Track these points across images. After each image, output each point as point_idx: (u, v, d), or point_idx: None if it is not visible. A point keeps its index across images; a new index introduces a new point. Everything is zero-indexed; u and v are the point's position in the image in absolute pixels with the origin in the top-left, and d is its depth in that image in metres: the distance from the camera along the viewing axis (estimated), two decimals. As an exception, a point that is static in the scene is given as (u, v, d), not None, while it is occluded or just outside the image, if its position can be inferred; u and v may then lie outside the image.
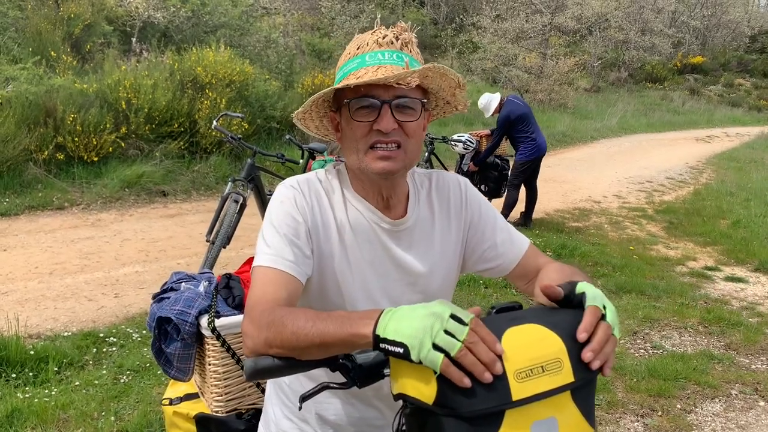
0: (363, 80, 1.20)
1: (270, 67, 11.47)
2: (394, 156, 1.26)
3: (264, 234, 1.28)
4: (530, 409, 0.94)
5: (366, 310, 1.02)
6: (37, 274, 5.07)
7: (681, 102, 25.36)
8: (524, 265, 1.44)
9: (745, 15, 33.21)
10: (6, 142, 7.07)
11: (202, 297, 1.85)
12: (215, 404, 1.85)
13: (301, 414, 1.42)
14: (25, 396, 3.29)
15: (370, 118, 1.24)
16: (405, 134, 1.26)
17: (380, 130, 1.23)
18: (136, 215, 7.06)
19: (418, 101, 1.26)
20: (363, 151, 1.26)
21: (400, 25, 1.29)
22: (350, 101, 1.25)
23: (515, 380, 0.93)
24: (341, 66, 1.30)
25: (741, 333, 4.78)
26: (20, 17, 9.26)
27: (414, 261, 1.37)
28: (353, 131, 1.26)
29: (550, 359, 0.96)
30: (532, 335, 0.99)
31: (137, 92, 8.26)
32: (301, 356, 1.07)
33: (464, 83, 1.33)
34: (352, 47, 1.29)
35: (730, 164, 14.03)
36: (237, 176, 5.04)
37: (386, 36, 1.26)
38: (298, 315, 1.08)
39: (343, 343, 1.02)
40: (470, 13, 23.22)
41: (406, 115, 1.25)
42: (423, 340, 0.90)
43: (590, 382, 1.02)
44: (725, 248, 7.27)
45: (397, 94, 1.23)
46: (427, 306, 0.95)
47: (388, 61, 1.23)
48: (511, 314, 1.05)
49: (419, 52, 1.32)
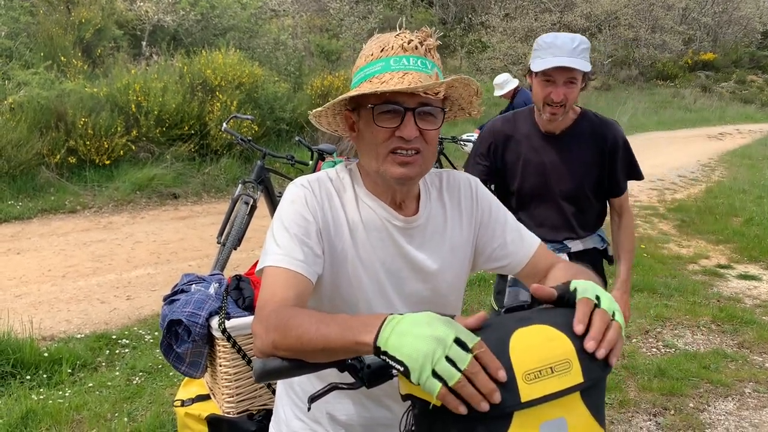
0: (392, 87, 1.19)
1: (279, 69, 11.50)
2: (413, 162, 1.27)
3: (274, 233, 1.28)
4: (539, 410, 0.94)
5: (369, 316, 1.01)
6: (50, 277, 5.12)
7: (692, 99, 25.16)
8: (534, 264, 1.44)
9: (757, 11, 32.87)
10: (19, 147, 7.14)
11: (213, 299, 1.86)
12: (226, 405, 1.86)
13: (312, 414, 1.42)
14: (40, 397, 3.33)
15: (392, 125, 1.24)
16: (425, 141, 1.27)
17: (402, 137, 1.24)
18: (147, 218, 7.11)
19: (440, 110, 1.27)
20: (383, 156, 1.27)
21: (425, 31, 1.29)
22: (374, 106, 1.24)
23: (524, 382, 0.92)
24: (362, 66, 1.29)
25: (754, 331, 4.74)
26: (32, 22, 9.35)
27: (426, 259, 1.37)
28: (374, 135, 1.27)
29: (559, 360, 0.96)
30: (540, 336, 0.98)
31: (147, 95, 8.31)
32: (306, 359, 1.07)
33: (482, 91, 1.34)
34: (375, 48, 1.28)
35: (743, 161, 13.91)
36: (247, 178, 5.06)
37: (411, 41, 1.25)
38: (303, 318, 1.08)
39: (346, 350, 1.01)
40: (479, 12, 23.18)
41: (428, 123, 1.26)
42: (423, 365, 0.88)
43: (600, 382, 1.02)
44: (738, 246, 7.21)
45: (421, 101, 1.23)
46: (431, 324, 0.91)
47: (413, 67, 1.23)
48: (519, 314, 1.05)
49: (439, 57, 1.32)
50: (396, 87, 1.19)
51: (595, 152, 2.45)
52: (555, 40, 2.23)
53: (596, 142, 2.43)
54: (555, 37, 2.24)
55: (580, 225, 2.57)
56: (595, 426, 1.00)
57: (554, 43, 2.22)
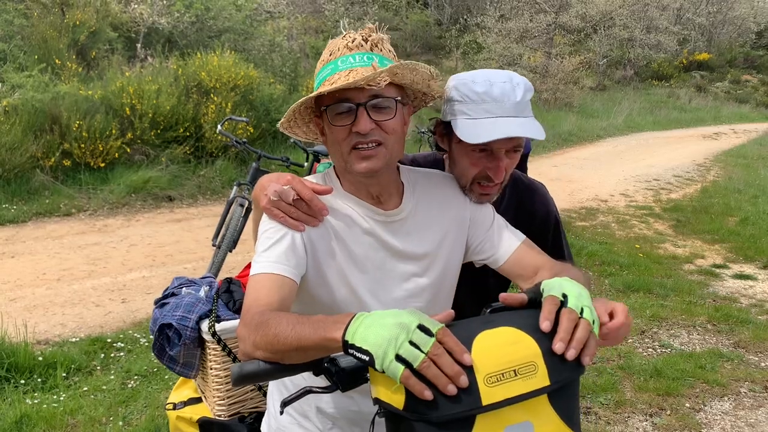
0: (335, 86, 1.23)
1: (274, 70, 11.49)
2: (375, 154, 1.29)
3: (258, 242, 1.33)
4: (503, 413, 0.93)
5: (341, 314, 1.03)
6: (44, 281, 5.10)
7: (687, 99, 25.23)
8: (518, 261, 1.45)
9: (751, 11, 32.98)
10: (13, 150, 7.11)
11: (203, 302, 1.86)
12: (218, 408, 1.85)
13: (300, 408, 1.45)
14: (34, 402, 3.31)
15: (348, 122, 1.27)
16: (384, 132, 1.29)
17: (359, 132, 1.26)
18: (142, 220, 7.09)
19: (392, 99, 1.29)
20: (347, 153, 1.30)
21: (369, 27, 1.32)
22: (327, 107, 1.29)
23: (485, 384, 0.92)
24: (317, 73, 1.34)
25: (750, 331, 4.75)
26: (26, 25, 9.32)
27: (411, 247, 1.40)
28: (334, 135, 1.30)
29: (524, 363, 0.95)
30: (504, 338, 0.98)
31: (141, 98, 8.29)
32: (283, 360, 1.08)
33: (436, 73, 1.35)
34: (326, 54, 1.33)
35: (738, 161, 13.94)
36: (242, 180, 5.05)
37: (355, 39, 1.29)
38: (281, 319, 1.10)
39: (318, 347, 1.03)
40: (474, 13, 23.19)
41: (383, 114, 1.28)
42: (387, 350, 0.90)
43: (570, 385, 1.01)
44: (733, 246, 7.23)
45: (372, 94, 1.25)
46: (396, 314, 0.94)
47: (359, 64, 1.27)
48: (486, 317, 1.05)
49: (391, 49, 1.35)
50: (335, 86, 1.23)
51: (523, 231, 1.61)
52: (490, 89, 1.43)
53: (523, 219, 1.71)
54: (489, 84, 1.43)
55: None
56: (566, 430, 0.99)
57: (489, 94, 1.42)
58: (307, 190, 1.31)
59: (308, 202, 1.31)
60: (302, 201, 1.31)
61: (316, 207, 1.31)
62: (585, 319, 1.01)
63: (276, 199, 1.29)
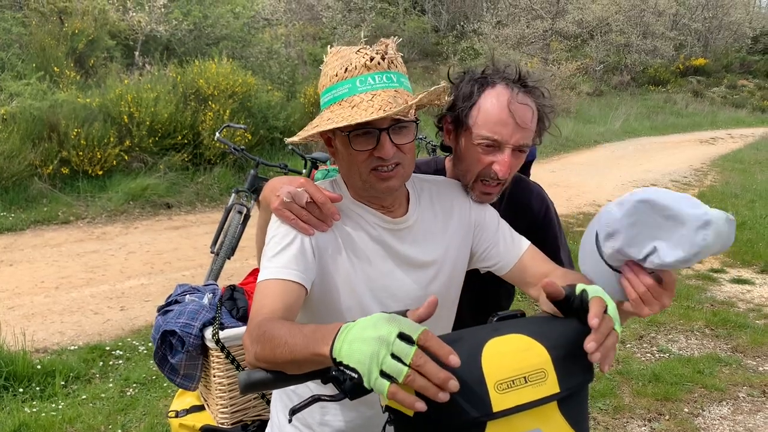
0: (365, 117, 1.20)
1: (272, 77, 11.51)
2: (395, 175, 1.30)
3: (266, 249, 1.31)
4: (513, 420, 0.93)
5: (328, 326, 0.99)
6: (43, 289, 5.10)
7: (684, 104, 25.31)
8: (524, 267, 1.45)
9: (747, 16, 33.13)
10: (11, 158, 7.12)
11: (207, 309, 1.86)
12: (221, 416, 1.85)
13: (305, 419, 1.44)
14: (33, 410, 3.31)
15: (369, 146, 1.27)
16: (402, 153, 1.30)
17: (381, 157, 1.26)
18: (141, 228, 7.09)
19: (413, 123, 1.30)
20: (365, 174, 1.30)
21: (384, 42, 1.30)
22: (349, 133, 1.26)
23: (496, 391, 0.92)
24: (328, 87, 1.30)
25: (748, 335, 4.76)
26: (24, 33, 9.33)
27: (419, 253, 1.40)
28: (353, 157, 1.29)
29: (534, 370, 0.96)
30: (514, 345, 0.98)
31: (139, 105, 8.30)
32: (285, 370, 1.07)
33: (449, 89, 1.37)
34: (338, 68, 1.28)
35: (735, 166, 13.98)
36: (240, 187, 5.05)
37: (373, 58, 1.27)
38: (279, 329, 1.08)
39: (309, 362, 1.01)
40: (471, 20, 23.27)
41: (403, 137, 1.29)
42: (371, 367, 0.87)
43: (579, 392, 1.01)
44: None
45: (395, 119, 1.25)
46: (375, 325, 0.90)
47: (380, 85, 1.25)
48: (494, 325, 1.05)
49: (402, 62, 1.34)
50: (369, 117, 1.20)
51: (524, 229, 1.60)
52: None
53: (521, 215, 1.71)
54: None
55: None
56: None
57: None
58: (320, 193, 1.30)
59: (321, 206, 1.30)
60: (314, 204, 1.30)
61: (328, 211, 1.31)
62: (616, 330, 1.02)
63: (289, 200, 1.28)
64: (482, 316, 1.20)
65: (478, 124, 1.48)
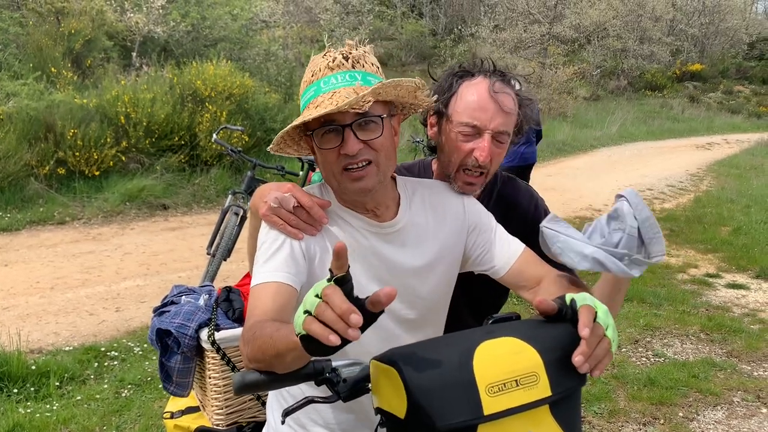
0: (319, 112, 1.22)
1: (270, 79, 11.51)
2: (367, 173, 1.29)
3: (257, 255, 1.32)
4: (504, 423, 0.93)
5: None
6: (38, 289, 5.08)
7: (680, 109, 25.38)
8: (519, 271, 1.45)
9: (743, 22, 33.29)
10: (7, 158, 7.10)
11: (202, 310, 1.86)
12: (216, 417, 1.85)
13: (300, 420, 1.44)
14: (27, 411, 3.30)
15: (335, 144, 1.27)
16: (373, 150, 1.28)
17: (347, 154, 1.26)
18: (137, 229, 7.08)
19: (378, 117, 1.28)
20: (338, 174, 1.30)
21: (349, 43, 1.31)
22: (313, 132, 1.28)
23: (487, 394, 0.92)
24: (302, 94, 1.33)
25: (743, 340, 4.77)
26: (21, 33, 9.32)
27: (408, 258, 1.39)
28: (324, 157, 1.31)
29: (525, 373, 0.95)
30: (506, 349, 0.98)
31: (136, 106, 8.29)
32: (274, 369, 1.07)
33: (422, 84, 1.34)
34: (308, 74, 1.32)
35: (731, 171, 14.03)
36: (237, 189, 5.05)
37: (336, 58, 1.28)
38: (267, 329, 1.09)
39: (288, 350, 1.00)
40: (469, 23, 23.34)
41: (370, 132, 1.28)
42: (300, 310, 0.90)
43: (572, 396, 1.01)
44: (726, 255, 7.26)
45: (357, 114, 1.24)
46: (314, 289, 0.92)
47: (341, 84, 1.26)
48: (488, 328, 1.05)
49: (374, 62, 1.33)
50: (319, 112, 1.21)
51: (515, 227, 1.57)
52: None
53: (510, 214, 1.68)
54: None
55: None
56: None
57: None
58: (307, 198, 1.31)
59: (308, 210, 1.31)
60: (302, 209, 1.31)
61: (316, 215, 1.32)
62: (608, 337, 1.01)
63: (276, 206, 1.30)
64: (482, 317, 1.20)
65: (458, 111, 1.52)
